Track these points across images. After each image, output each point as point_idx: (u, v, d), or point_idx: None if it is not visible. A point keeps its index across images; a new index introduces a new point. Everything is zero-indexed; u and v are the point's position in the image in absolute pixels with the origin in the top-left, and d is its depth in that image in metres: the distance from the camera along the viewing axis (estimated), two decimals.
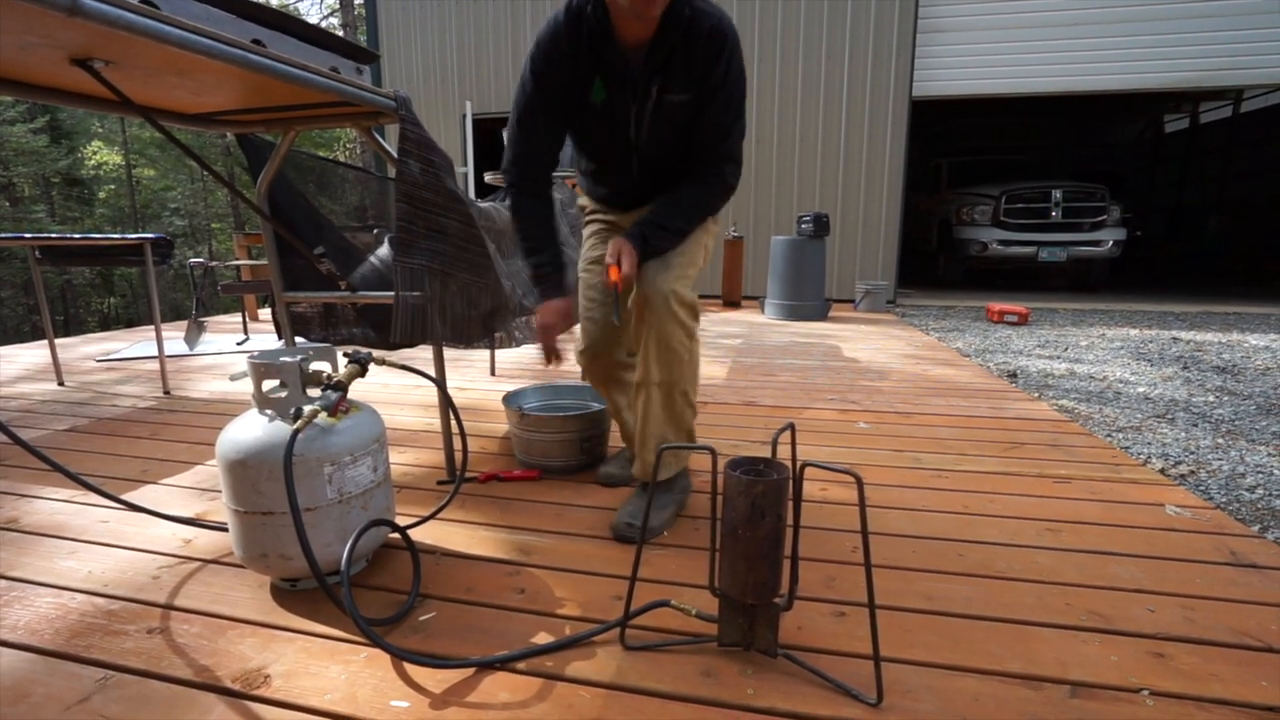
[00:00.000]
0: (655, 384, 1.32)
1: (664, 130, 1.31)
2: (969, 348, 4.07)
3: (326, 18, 17.65)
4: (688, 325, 1.31)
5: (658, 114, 1.28)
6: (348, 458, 1.11)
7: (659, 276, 1.29)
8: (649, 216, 1.32)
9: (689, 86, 1.25)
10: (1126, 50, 5.85)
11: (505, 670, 0.95)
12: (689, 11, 1.19)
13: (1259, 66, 5.75)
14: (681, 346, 1.30)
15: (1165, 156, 11.96)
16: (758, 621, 0.95)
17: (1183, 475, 1.89)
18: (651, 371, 1.32)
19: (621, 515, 1.37)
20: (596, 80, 1.26)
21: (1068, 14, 5.87)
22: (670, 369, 1.31)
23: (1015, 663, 0.97)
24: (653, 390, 1.33)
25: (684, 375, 1.33)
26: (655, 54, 1.21)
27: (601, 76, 1.26)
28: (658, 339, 1.29)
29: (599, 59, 1.24)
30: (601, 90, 1.27)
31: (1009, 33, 5.97)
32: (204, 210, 17.39)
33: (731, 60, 1.23)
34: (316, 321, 1.99)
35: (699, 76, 1.24)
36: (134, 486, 1.70)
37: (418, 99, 7.16)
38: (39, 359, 3.52)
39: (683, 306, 1.29)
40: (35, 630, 1.05)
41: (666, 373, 1.31)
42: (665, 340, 1.29)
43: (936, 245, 7.74)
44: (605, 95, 1.28)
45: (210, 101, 1.45)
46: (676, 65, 1.23)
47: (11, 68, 1.14)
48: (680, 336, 1.30)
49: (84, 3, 0.83)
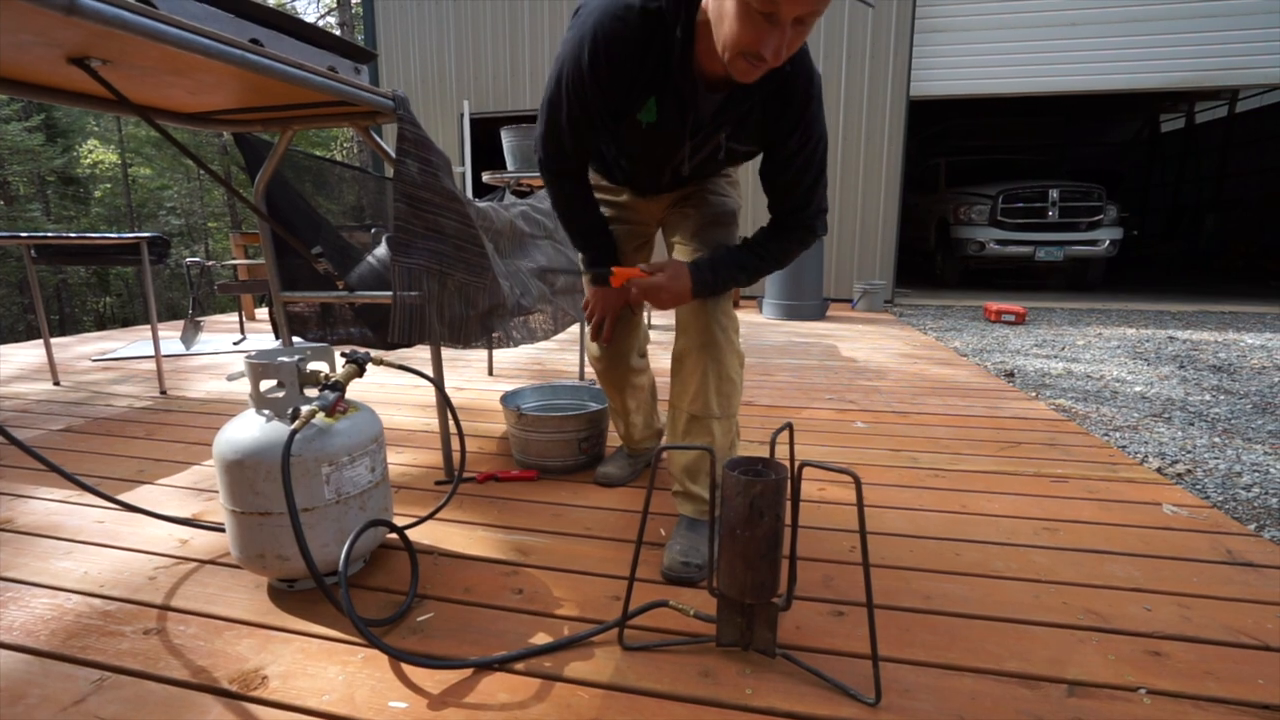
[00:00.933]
0: (716, 419, 1.23)
1: (715, 165, 1.22)
2: (966, 347, 4.07)
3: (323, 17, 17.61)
4: (740, 353, 1.25)
5: (715, 154, 1.17)
6: (345, 458, 1.11)
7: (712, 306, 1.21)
8: (725, 256, 1.19)
9: (760, 140, 1.14)
10: (1122, 50, 5.87)
11: (503, 671, 0.95)
12: (789, 67, 1.03)
13: (1254, 67, 5.77)
14: (738, 375, 1.25)
15: (1162, 156, 12.01)
16: (756, 621, 0.95)
17: (1179, 474, 1.90)
18: (712, 406, 1.22)
19: (674, 554, 1.22)
20: (651, 100, 1.08)
21: (1063, 14, 5.88)
22: (730, 401, 1.24)
23: (1012, 662, 0.97)
24: (713, 425, 1.24)
25: (738, 403, 1.28)
26: (736, 104, 1.07)
27: (658, 97, 1.07)
28: (718, 373, 1.21)
29: (665, 80, 1.04)
30: (653, 112, 1.09)
31: (1005, 33, 5.99)
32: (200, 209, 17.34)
33: (812, 128, 1.09)
34: (314, 321, 1.98)
35: (774, 137, 1.11)
36: (130, 487, 1.69)
37: (415, 98, 7.15)
38: (34, 358, 3.51)
39: (735, 331, 1.23)
40: (31, 631, 1.05)
41: (726, 405, 1.24)
42: (723, 368, 1.21)
43: (934, 245, 7.75)
44: (656, 118, 1.10)
45: (208, 101, 1.44)
46: (753, 120, 1.10)
47: (8, 66, 1.14)
48: (736, 366, 1.24)
49: (81, 1, 0.82)
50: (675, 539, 1.27)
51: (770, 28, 0.87)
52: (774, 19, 0.86)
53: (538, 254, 2.18)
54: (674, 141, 1.15)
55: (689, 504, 1.31)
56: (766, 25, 0.86)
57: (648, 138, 1.15)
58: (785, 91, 1.06)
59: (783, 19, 0.86)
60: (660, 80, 1.05)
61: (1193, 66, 5.83)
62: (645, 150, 1.19)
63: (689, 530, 1.28)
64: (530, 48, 6.72)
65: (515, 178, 2.99)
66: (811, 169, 1.13)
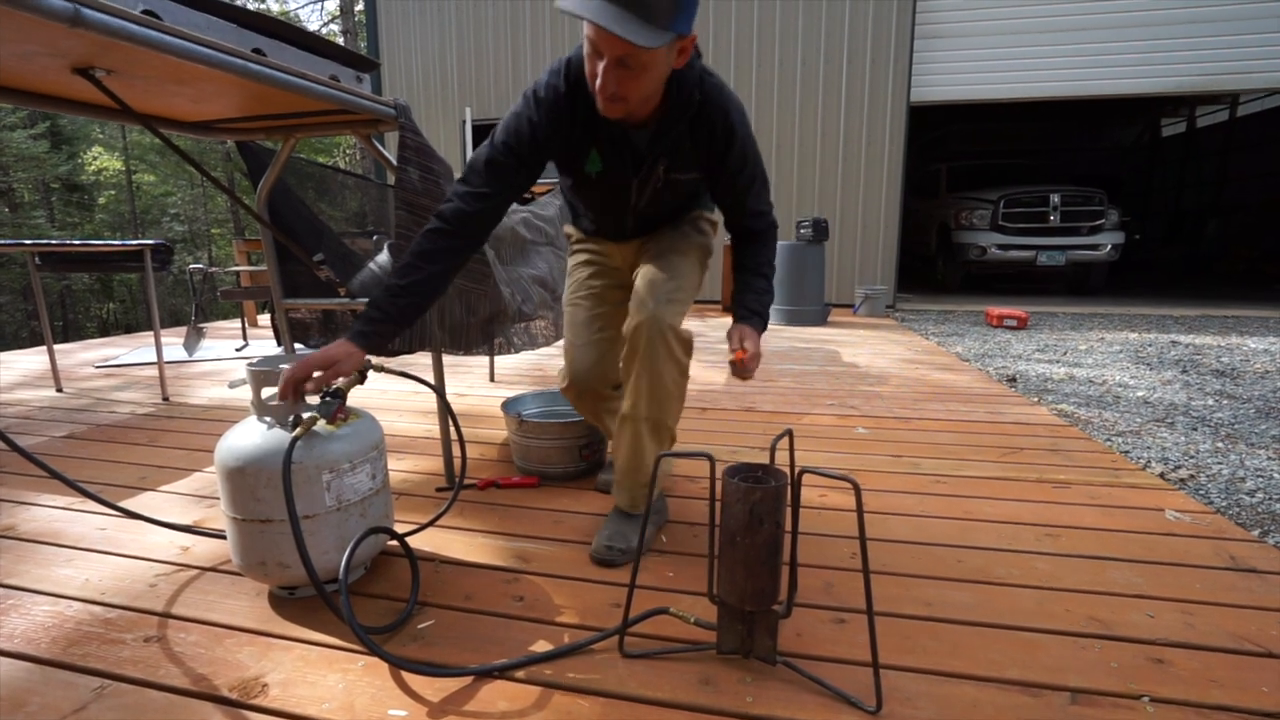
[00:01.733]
0: (644, 419, 1.28)
1: (667, 196, 1.32)
2: (968, 352, 4.07)
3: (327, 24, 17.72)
4: (682, 363, 1.27)
5: (661, 187, 1.29)
6: (346, 465, 1.11)
7: (660, 309, 1.23)
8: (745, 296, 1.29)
9: (696, 166, 1.25)
10: (1122, 55, 5.89)
11: (504, 679, 0.95)
12: (699, 96, 1.16)
13: (1254, 71, 5.78)
14: (674, 385, 1.27)
15: (1163, 160, 12.00)
16: (757, 628, 0.95)
17: (1182, 479, 1.89)
18: (640, 407, 1.27)
19: (600, 539, 1.32)
20: (592, 151, 1.23)
21: (1062, 20, 5.90)
22: (661, 406, 1.27)
23: (1014, 669, 0.97)
24: (641, 425, 1.29)
25: (672, 411, 1.30)
26: (663, 138, 1.19)
27: (598, 149, 1.22)
28: (651, 376, 1.24)
29: (596, 128, 1.19)
30: (598, 162, 1.24)
31: (1005, 38, 6.01)
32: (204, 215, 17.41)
33: (746, 149, 1.23)
34: (315, 328, 1.99)
35: (707, 161, 1.24)
36: (132, 493, 1.70)
37: (418, 104, 7.19)
38: (38, 365, 3.52)
39: (679, 343, 1.25)
40: (32, 639, 1.05)
41: (657, 410, 1.27)
42: (659, 378, 1.24)
43: (935, 249, 7.76)
44: (602, 167, 1.25)
45: (211, 109, 1.45)
46: (684, 150, 1.22)
47: (13, 76, 1.15)
48: (674, 374, 1.26)
49: (86, 14, 0.83)
50: (605, 526, 1.36)
51: (598, 60, 1.02)
52: (598, 53, 1.02)
53: (539, 260, 2.18)
54: (623, 181, 1.27)
55: (624, 496, 1.37)
56: (596, 59, 1.03)
57: (601, 186, 1.30)
58: (704, 119, 1.18)
59: (603, 53, 1.00)
60: (594, 132, 1.20)
61: (1192, 71, 5.84)
62: (603, 198, 1.34)
63: (618, 519, 1.36)
64: (532, 53, 6.75)
65: None
66: (756, 181, 1.28)
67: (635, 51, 0.98)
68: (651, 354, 1.23)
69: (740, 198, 1.29)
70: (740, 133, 1.20)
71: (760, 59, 6.23)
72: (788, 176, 6.39)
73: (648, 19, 0.94)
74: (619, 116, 1.10)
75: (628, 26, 0.93)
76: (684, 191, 1.33)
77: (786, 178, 6.39)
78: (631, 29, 0.93)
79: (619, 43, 0.96)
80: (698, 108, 1.17)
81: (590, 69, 1.05)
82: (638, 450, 1.31)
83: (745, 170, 1.24)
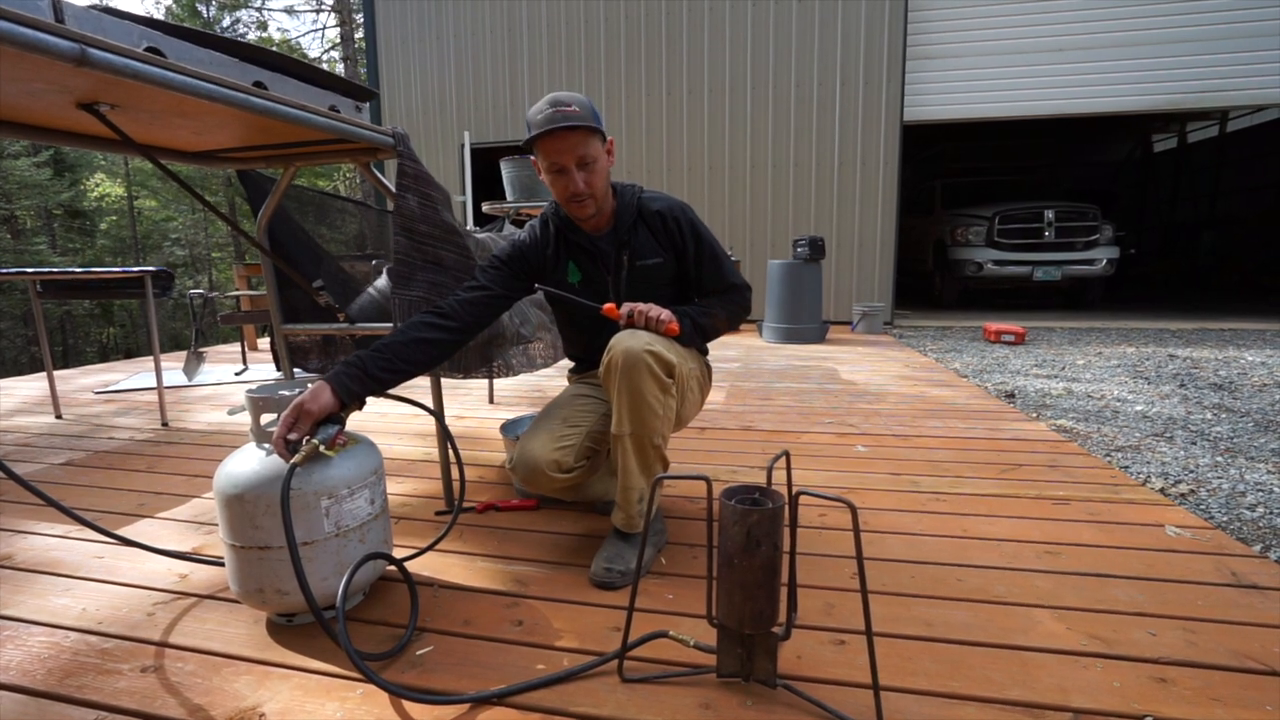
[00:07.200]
0: (628, 435, 1.29)
1: (642, 288, 1.45)
2: (966, 368, 4.08)
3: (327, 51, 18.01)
4: (662, 379, 1.26)
5: (633, 277, 1.45)
6: (345, 491, 1.11)
7: (639, 338, 1.26)
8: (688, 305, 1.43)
9: (657, 252, 1.44)
10: (1111, 74, 5.98)
11: (502, 705, 0.95)
12: (638, 201, 1.44)
13: (1241, 89, 5.86)
14: (655, 400, 1.27)
15: (1156, 175, 12.12)
16: (756, 651, 0.95)
17: (1182, 495, 1.89)
18: (624, 424, 1.28)
19: (599, 562, 1.33)
20: (570, 264, 1.46)
21: (1052, 40, 6.01)
22: (642, 421, 1.27)
23: (1015, 690, 0.96)
24: (626, 442, 1.30)
25: (655, 428, 1.29)
26: (619, 233, 1.43)
27: (574, 260, 1.46)
28: (631, 393, 1.25)
29: (570, 247, 1.45)
30: (576, 272, 1.46)
31: (996, 58, 6.11)
32: (204, 240, 17.54)
33: (693, 226, 1.45)
34: (315, 352, 2.00)
35: (665, 245, 1.44)
36: (130, 520, 1.69)
37: (417, 129, 7.28)
38: (37, 391, 3.52)
39: (659, 364, 1.26)
40: (27, 670, 1.04)
41: (638, 425, 1.28)
42: (639, 394, 1.25)
43: (932, 266, 7.81)
44: (581, 276, 1.46)
45: (212, 140, 1.48)
46: (641, 237, 1.43)
47: (21, 112, 1.17)
48: (655, 391, 1.26)
49: (92, 53, 0.85)
50: (603, 548, 1.38)
51: (566, 177, 1.30)
52: (564, 171, 1.29)
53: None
54: (602, 284, 1.46)
55: (619, 514, 1.38)
56: (564, 177, 1.30)
57: (585, 295, 1.45)
58: (644, 211, 1.44)
59: (567, 167, 1.29)
60: (569, 247, 1.46)
61: (1181, 89, 5.93)
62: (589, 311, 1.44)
63: (616, 540, 1.38)
64: (529, 77, 6.86)
65: (515, 208, 3.03)
66: (717, 261, 1.46)
67: (587, 141, 1.28)
68: (631, 370, 1.24)
69: (709, 275, 1.47)
70: (685, 214, 1.45)
71: (755, 81, 6.33)
72: (784, 196, 6.45)
73: (583, 121, 1.25)
74: (590, 214, 1.36)
75: (575, 125, 1.24)
76: (655, 280, 1.46)
77: (783, 197, 6.45)
78: (578, 123, 1.25)
79: (575, 139, 1.26)
80: (638, 206, 1.43)
81: (559, 189, 1.33)
82: (626, 468, 1.32)
83: (704, 252, 1.45)
